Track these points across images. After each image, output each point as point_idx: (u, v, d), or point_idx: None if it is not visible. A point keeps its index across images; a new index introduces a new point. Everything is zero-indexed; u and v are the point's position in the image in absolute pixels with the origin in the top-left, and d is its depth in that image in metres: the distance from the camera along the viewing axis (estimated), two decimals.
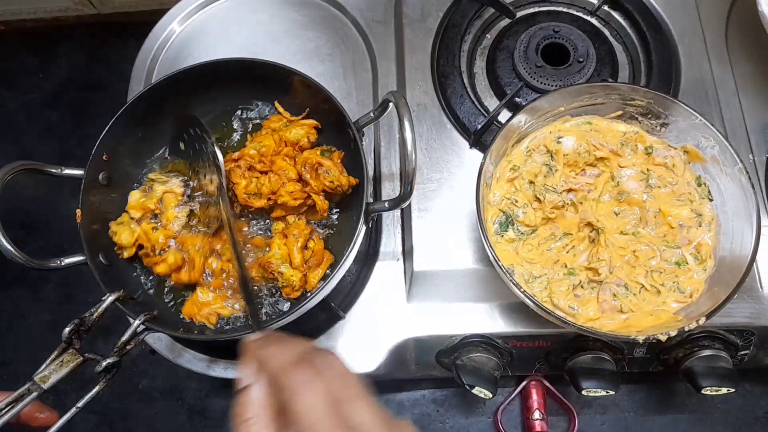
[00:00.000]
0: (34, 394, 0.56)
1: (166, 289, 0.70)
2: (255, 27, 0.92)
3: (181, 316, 0.68)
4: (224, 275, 0.70)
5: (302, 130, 0.73)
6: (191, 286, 0.70)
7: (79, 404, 0.59)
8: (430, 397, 0.88)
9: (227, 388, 0.89)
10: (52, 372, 0.58)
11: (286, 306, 0.70)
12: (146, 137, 0.74)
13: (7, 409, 0.54)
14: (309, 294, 0.64)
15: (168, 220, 0.71)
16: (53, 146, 1.11)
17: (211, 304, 0.67)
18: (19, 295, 0.98)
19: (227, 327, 0.68)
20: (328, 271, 0.70)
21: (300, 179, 0.71)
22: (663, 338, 0.59)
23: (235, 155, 0.72)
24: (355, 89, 0.88)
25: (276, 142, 0.73)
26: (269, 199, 0.71)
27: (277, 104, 0.77)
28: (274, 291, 0.70)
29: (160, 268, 0.68)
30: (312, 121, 0.75)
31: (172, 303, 0.70)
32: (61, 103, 1.13)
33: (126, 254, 0.69)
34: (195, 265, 0.68)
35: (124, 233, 0.68)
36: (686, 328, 0.59)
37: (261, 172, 0.72)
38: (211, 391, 0.89)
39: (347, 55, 0.91)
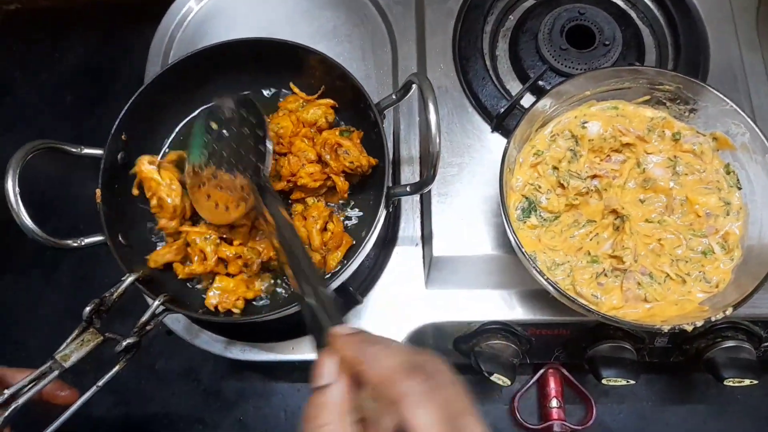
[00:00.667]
0: (56, 372, 0.57)
1: None
2: (272, 6, 0.91)
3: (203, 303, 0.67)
4: (240, 259, 0.69)
5: (320, 110, 0.72)
6: None
7: (100, 383, 0.60)
8: None
9: (243, 370, 0.89)
10: (72, 351, 0.58)
11: None
12: (164, 118, 0.74)
13: (30, 386, 0.55)
14: (328, 276, 0.64)
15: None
16: (67, 128, 1.10)
17: (235, 291, 0.66)
18: (34, 278, 0.98)
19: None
20: (344, 257, 0.69)
21: (319, 160, 0.70)
22: (689, 328, 0.58)
23: None
24: (374, 71, 0.87)
25: (294, 123, 0.72)
26: (288, 181, 0.70)
27: (292, 85, 0.76)
28: None
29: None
30: (329, 101, 0.73)
31: (190, 284, 0.69)
32: (75, 84, 1.12)
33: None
34: (206, 255, 0.67)
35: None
36: (713, 319, 0.58)
37: (279, 154, 0.71)
38: (227, 373, 0.89)
39: (366, 36, 0.89)
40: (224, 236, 0.68)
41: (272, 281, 0.69)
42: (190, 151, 0.69)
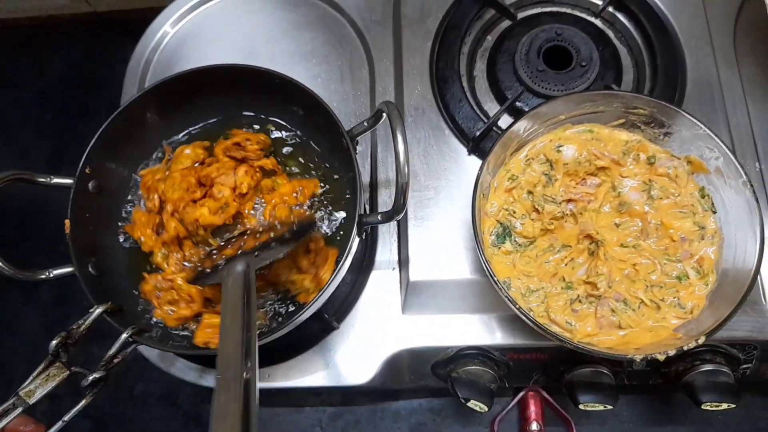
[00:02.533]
0: (19, 409, 0.56)
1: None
2: (250, 27, 0.90)
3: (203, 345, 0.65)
4: None
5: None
6: None
7: (66, 417, 0.59)
8: (427, 406, 0.87)
9: None
10: (38, 386, 0.57)
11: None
12: (138, 143, 0.73)
13: None
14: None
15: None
16: (48, 145, 1.10)
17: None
18: (13, 297, 0.98)
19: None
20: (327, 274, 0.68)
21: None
22: (661, 358, 0.58)
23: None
24: (352, 92, 0.87)
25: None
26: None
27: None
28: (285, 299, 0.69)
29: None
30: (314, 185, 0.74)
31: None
32: (57, 101, 1.12)
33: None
34: (194, 299, 0.66)
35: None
36: (685, 348, 0.58)
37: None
38: (206, 398, 0.87)
39: (344, 56, 0.89)
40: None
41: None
42: None
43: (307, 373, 0.74)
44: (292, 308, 0.69)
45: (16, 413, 0.55)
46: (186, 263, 0.69)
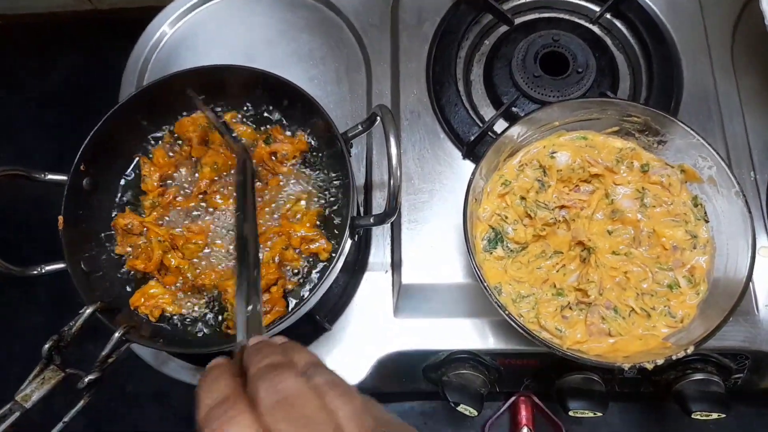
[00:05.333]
0: (17, 413, 0.56)
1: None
2: (248, 29, 0.91)
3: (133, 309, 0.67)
4: (180, 275, 0.68)
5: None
6: None
7: (66, 419, 0.60)
8: (419, 410, 0.87)
9: None
10: (33, 390, 0.57)
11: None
12: (133, 141, 0.73)
13: None
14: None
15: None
16: (50, 144, 1.10)
17: (158, 297, 0.66)
18: (12, 295, 0.98)
19: (200, 334, 0.67)
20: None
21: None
22: (650, 367, 0.57)
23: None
24: (349, 94, 0.87)
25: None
26: None
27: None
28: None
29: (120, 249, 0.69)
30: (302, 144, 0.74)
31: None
32: (58, 100, 1.12)
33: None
34: (152, 256, 0.67)
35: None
36: (674, 357, 0.58)
37: None
38: None
39: (341, 59, 0.89)
40: (176, 245, 0.69)
41: (204, 311, 0.68)
42: None
43: None
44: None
45: (14, 417, 0.56)
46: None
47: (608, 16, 0.86)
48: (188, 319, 0.68)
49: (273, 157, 0.71)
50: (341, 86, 0.87)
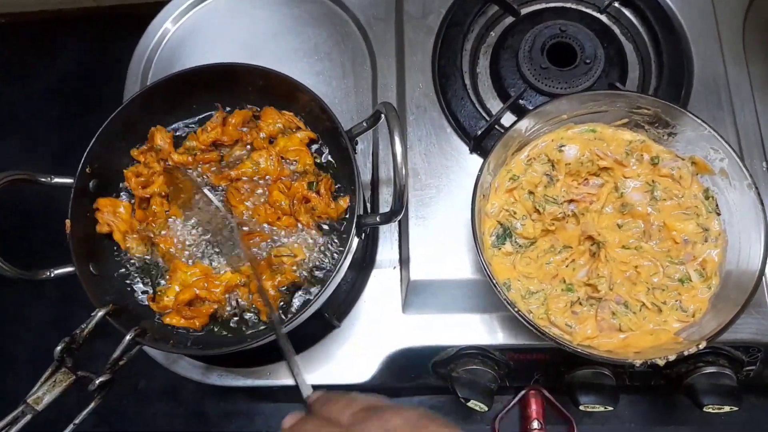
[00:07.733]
0: (29, 416, 0.57)
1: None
2: (253, 24, 0.90)
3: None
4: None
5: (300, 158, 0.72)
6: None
7: (76, 420, 0.60)
8: (428, 404, 0.87)
9: (225, 391, 0.89)
10: (45, 393, 0.58)
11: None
12: (138, 142, 0.73)
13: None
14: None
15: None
16: (56, 139, 1.10)
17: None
18: (22, 291, 0.98)
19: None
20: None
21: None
22: (661, 363, 0.57)
23: (233, 173, 0.70)
24: (354, 89, 0.86)
25: (276, 164, 0.71)
26: None
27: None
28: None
29: None
30: (308, 133, 0.73)
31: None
32: (64, 96, 1.12)
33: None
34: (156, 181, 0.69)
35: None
36: (686, 353, 0.57)
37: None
38: (209, 394, 0.89)
39: (347, 53, 0.88)
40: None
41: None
42: None
43: (308, 372, 0.75)
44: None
45: (26, 420, 0.56)
46: None
47: (617, 4, 0.85)
48: None
49: (305, 201, 0.70)
50: (346, 80, 0.86)
